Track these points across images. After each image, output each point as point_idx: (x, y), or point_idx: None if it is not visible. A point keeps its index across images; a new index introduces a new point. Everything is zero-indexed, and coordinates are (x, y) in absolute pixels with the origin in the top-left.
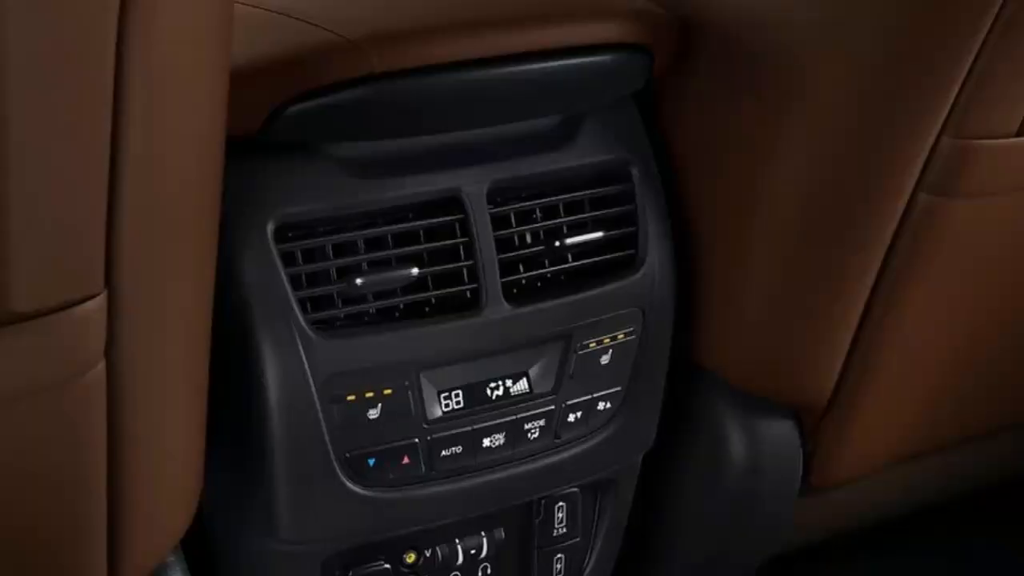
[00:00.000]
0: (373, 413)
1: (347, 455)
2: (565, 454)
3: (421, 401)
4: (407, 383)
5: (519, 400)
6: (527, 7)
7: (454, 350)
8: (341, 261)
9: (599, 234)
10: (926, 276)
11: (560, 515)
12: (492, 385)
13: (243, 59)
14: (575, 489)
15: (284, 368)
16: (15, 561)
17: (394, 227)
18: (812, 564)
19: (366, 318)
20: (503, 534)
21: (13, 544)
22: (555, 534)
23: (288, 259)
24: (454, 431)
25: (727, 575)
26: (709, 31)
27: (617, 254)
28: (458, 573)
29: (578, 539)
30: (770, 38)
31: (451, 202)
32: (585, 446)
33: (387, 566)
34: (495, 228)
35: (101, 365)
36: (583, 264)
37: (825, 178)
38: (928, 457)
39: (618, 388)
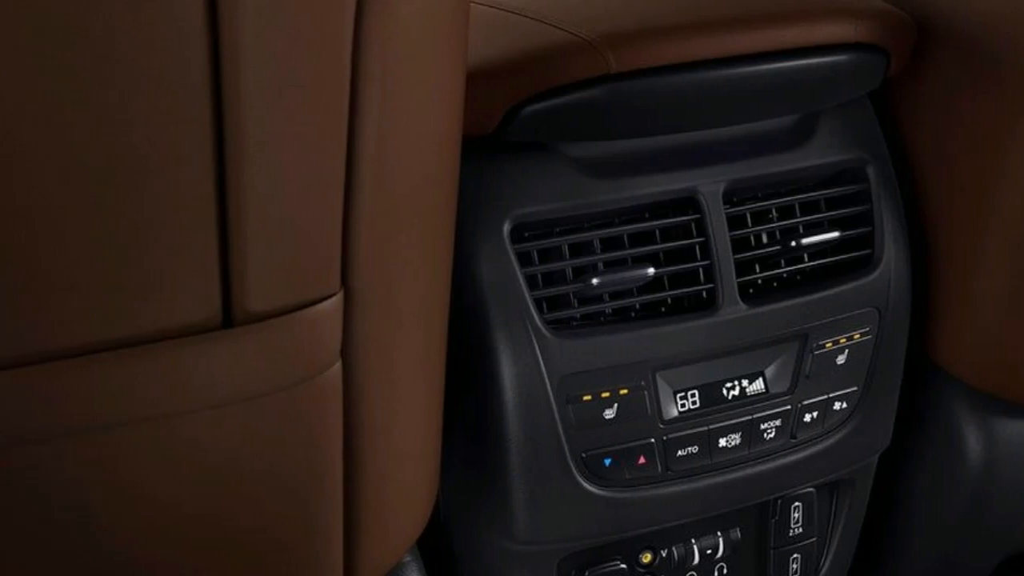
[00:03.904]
0: (609, 413)
1: (583, 455)
2: (801, 454)
3: (657, 401)
4: (643, 383)
5: (755, 400)
6: (763, 6)
7: (690, 350)
8: (577, 261)
9: (835, 234)
10: None
11: (796, 515)
12: (728, 385)
13: (480, 59)
14: (811, 489)
15: (520, 368)
16: (254, 561)
17: (630, 227)
18: None
19: (602, 318)
20: (739, 534)
21: (252, 544)
22: (791, 534)
23: (524, 259)
24: (690, 431)
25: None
26: (944, 31)
27: (853, 254)
28: (694, 573)
29: (814, 539)
30: (1006, 37)
31: (687, 202)
32: (821, 446)
33: (623, 566)
34: (731, 228)
35: (337, 365)
36: (819, 264)
37: None
38: None
39: (854, 388)
